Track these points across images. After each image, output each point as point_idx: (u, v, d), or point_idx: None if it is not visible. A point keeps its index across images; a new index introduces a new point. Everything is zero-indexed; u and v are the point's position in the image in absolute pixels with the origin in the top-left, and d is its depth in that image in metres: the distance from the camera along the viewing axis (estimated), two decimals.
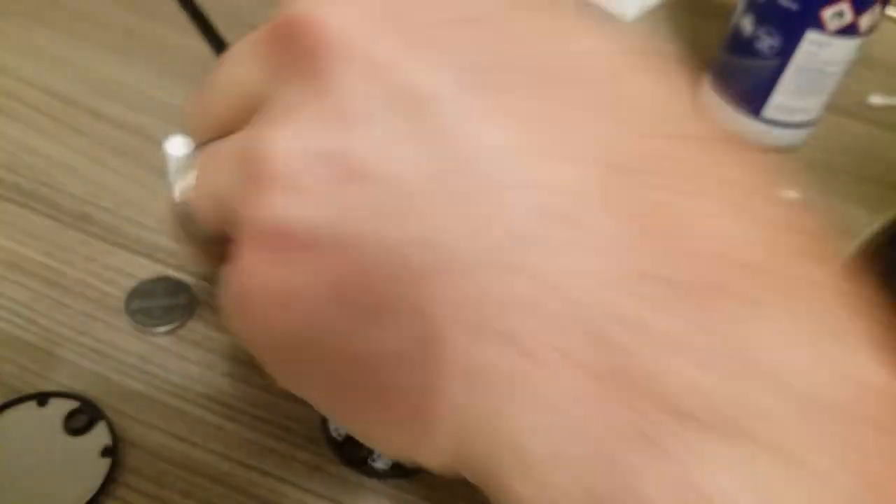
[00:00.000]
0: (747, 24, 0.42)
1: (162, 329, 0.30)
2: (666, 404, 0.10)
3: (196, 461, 0.26)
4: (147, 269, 0.32)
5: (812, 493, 0.10)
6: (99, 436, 0.26)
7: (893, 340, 0.11)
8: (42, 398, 0.27)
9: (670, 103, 0.13)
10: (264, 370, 0.15)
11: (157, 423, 0.27)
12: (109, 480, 0.25)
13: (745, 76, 0.43)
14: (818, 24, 0.39)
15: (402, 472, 0.27)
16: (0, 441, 0.25)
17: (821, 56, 0.40)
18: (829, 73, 0.41)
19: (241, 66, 0.17)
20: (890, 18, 0.60)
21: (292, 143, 0.13)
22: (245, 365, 0.29)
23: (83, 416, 0.26)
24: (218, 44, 0.43)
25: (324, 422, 0.28)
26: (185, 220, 0.18)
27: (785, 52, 0.40)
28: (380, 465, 0.27)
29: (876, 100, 0.51)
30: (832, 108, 0.50)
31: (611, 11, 0.53)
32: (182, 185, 0.18)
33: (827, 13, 0.38)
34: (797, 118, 0.43)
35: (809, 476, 0.10)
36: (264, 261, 0.13)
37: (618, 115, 0.12)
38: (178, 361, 0.29)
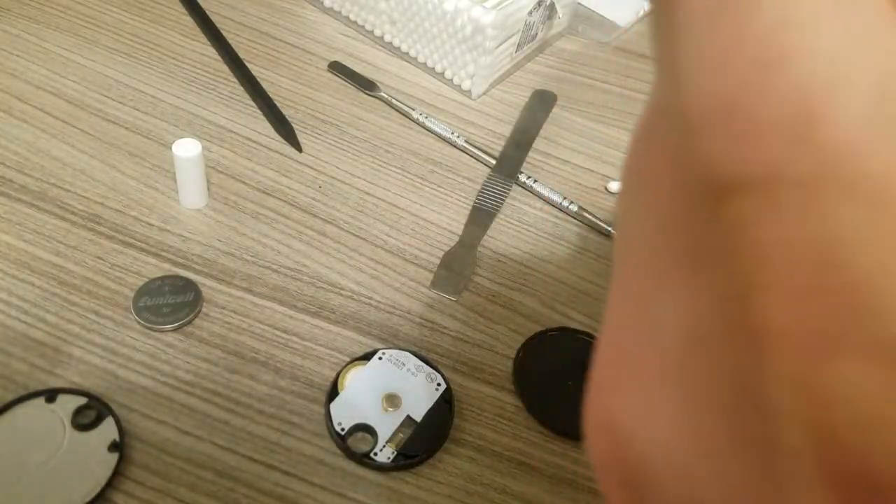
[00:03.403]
0: None
1: (169, 326, 0.30)
2: None
3: (202, 455, 0.27)
4: (154, 268, 0.32)
5: None
6: (106, 431, 0.26)
7: None
8: (50, 394, 0.27)
9: None
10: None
11: (164, 419, 0.28)
12: (117, 475, 0.26)
13: None
14: None
15: (404, 465, 0.27)
16: (9, 437, 0.26)
17: None
18: None
19: None
20: None
21: None
22: (250, 361, 0.30)
23: (91, 412, 0.27)
24: (224, 48, 0.44)
25: (328, 417, 0.28)
26: None
27: None
28: (381, 458, 0.27)
29: None
30: None
31: (607, 17, 0.54)
32: None
33: None
34: None
35: None
36: None
37: None
38: (184, 358, 0.30)
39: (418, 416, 0.28)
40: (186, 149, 0.33)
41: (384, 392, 0.29)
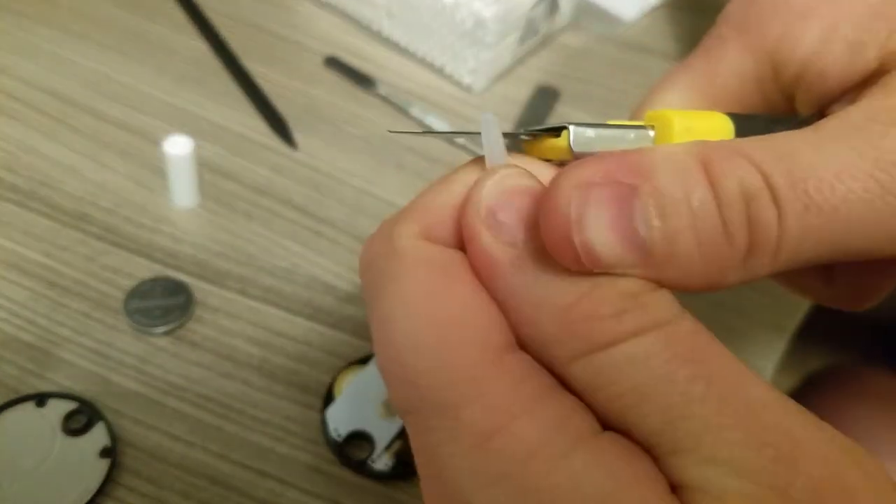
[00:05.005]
0: None
1: (160, 329, 0.29)
2: None
3: (195, 462, 0.26)
4: (146, 269, 0.32)
5: None
6: (98, 436, 0.26)
7: None
8: (41, 399, 0.27)
9: None
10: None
11: (155, 424, 0.27)
12: (108, 481, 0.25)
13: None
14: None
15: (401, 473, 0.27)
16: None
17: None
18: None
19: None
20: None
21: None
22: (244, 365, 0.29)
23: (82, 417, 0.26)
24: (217, 43, 0.43)
25: (324, 423, 0.27)
26: None
27: None
28: (379, 466, 0.27)
29: None
30: None
31: (611, 12, 0.53)
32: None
33: None
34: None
35: None
36: None
37: None
38: (176, 362, 0.29)
39: None
40: (178, 146, 0.33)
41: (382, 398, 0.28)
